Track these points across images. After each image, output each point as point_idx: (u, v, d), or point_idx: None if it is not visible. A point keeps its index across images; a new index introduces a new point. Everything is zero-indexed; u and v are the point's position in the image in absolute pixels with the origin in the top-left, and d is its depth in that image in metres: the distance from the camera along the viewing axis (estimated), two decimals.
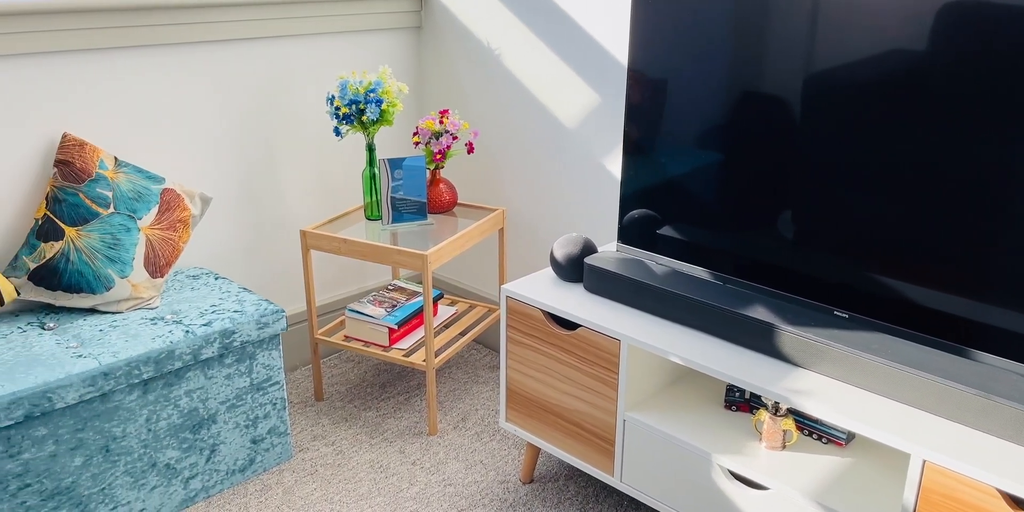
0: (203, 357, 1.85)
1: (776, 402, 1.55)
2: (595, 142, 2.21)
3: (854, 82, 1.40)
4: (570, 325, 1.77)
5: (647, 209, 1.77)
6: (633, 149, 1.77)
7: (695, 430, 1.64)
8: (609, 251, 1.86)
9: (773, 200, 1.56)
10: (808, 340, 1.48)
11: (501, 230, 2.39)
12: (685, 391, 1.78)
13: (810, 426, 1.61)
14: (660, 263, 1.78)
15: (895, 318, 1.45)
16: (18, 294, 1.87)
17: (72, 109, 1.95)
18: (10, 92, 1.85)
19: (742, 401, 1.69)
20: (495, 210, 2.36)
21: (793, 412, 1.62)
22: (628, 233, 1.83)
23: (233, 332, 1.89)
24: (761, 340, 1.54)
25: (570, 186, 2.31)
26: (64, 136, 1.91)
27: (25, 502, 1.67)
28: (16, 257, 1.88)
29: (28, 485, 1.67)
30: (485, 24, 2.39)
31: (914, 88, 1.33)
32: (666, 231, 1.76)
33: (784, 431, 1.55)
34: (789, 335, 1.50)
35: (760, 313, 1.56)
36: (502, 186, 2.50)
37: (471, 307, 2.53)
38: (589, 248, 1.83)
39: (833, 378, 1.47)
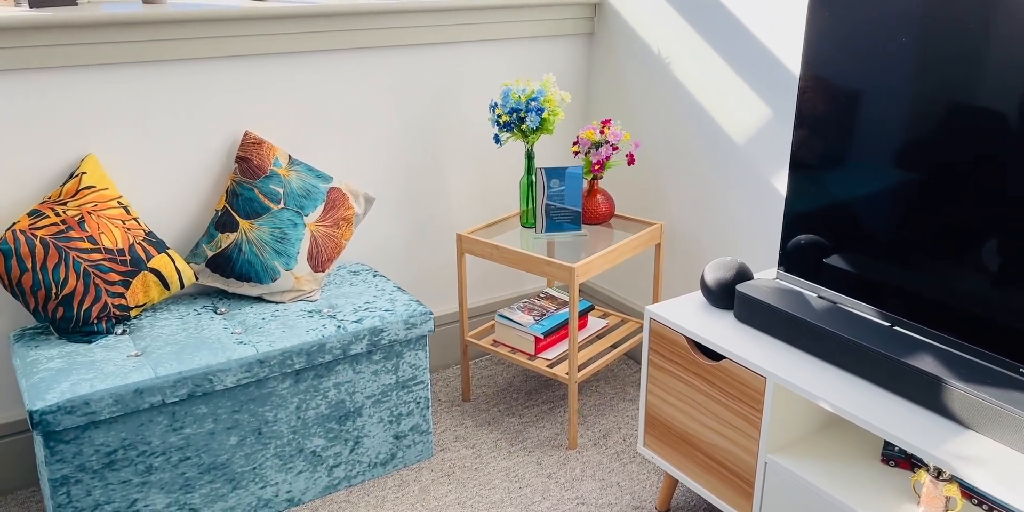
0: (352, 352, 1.92)
1: None
2: (764, 159, 2.07)
3: None
4: (715, 355, 1.67)
5: (814, 234, 1.64)
6: (801, 166, 1.63)
7: (844, 483, 1.49)
8: (765, 279, 1.73)
9: (959, 232, 1.38)
10: (983, 401, 1.30)
11: (658, 245, 2.30)
12: (838, 438, 1.63)
13: (979, 495, 1.42)
14: (821, 296, 1.64)
15: None
16: (196, 279, 2.02)
17: (254, 109, 2.08)
18: (201, 93, 2.00)
19: (902, 457, 1.52)
20: (653, 224, 2.28)
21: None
22: (790, 260, 1.70)
23: (382, 330, 1.94)
24: (927, 394, 1.37)
25: (734, 204, 2.19)
26: (245, 134, 2.04)
27: (184, 473, 1.81)
28: (197, 245, 2.04)
29: (188, 458, 1.80)
30: (657, 31, 2.30)
31: None
32: (832, 260, 1.61)
33: (947, 498, 1.38)
34: (960, 393, 1.32)
35: (929, 364, 1.39)
36: (663, 200, 2.41)
37: (623, 321, 2.46)
38: (743, 274, 1.72)
39: (1009, 447, 1.28)
